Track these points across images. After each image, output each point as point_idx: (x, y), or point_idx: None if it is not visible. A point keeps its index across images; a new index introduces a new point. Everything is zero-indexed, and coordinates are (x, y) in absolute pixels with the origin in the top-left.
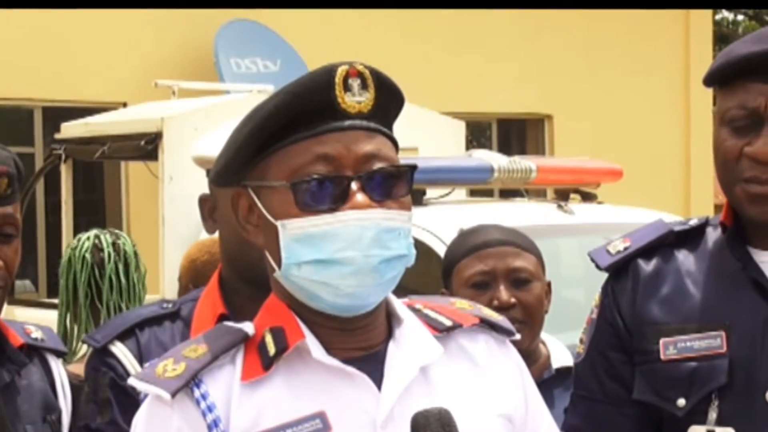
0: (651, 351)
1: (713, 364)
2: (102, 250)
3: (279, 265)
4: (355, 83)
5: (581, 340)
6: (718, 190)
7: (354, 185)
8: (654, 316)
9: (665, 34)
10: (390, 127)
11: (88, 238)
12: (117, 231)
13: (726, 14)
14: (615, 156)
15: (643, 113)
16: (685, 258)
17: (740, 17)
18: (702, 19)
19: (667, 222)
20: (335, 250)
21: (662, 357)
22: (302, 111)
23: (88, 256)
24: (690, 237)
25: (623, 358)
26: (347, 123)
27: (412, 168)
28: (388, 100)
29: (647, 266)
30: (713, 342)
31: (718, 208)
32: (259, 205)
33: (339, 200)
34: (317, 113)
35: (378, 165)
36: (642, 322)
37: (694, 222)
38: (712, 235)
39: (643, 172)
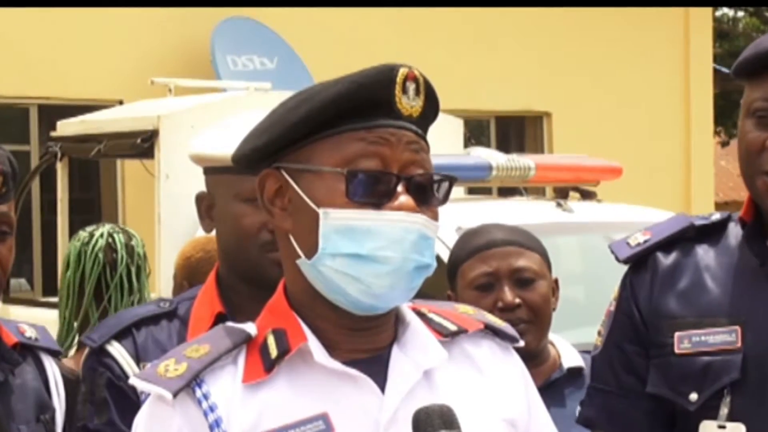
0: (665, 344)
1: (727, 359)
2: (116, 251)
3: (307, 252)
4: (411, 87)
5: (599, 333)
6: (719, 188)
7: (400, 186)
8: (670, 309)
9: (665, 31)
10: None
11: (102, 236)
12: (129, 230)
13: (726, 10)
14: (614, 154)
15: (642, 111)
16: (705, 253)
17: (740, 13)
18: (702, 16)
19: (689, 216)
20: (376, 248)
21: (676, 350)
22: (361, 103)
23: (101, 255)
24: (711, 232)
25: (639, 350)
26: (399, 123)
27: (453, 180)
28: (431, 111)
29: (666, 259)
30: (728, 337)
31: (718, 206)
32: (297, 189)
33: (385, 197)
34: (374, 108)
35: (420, 170)
36: (658, 315)
37: (716, 217)
38: (734, 230)
39: (642, 170)
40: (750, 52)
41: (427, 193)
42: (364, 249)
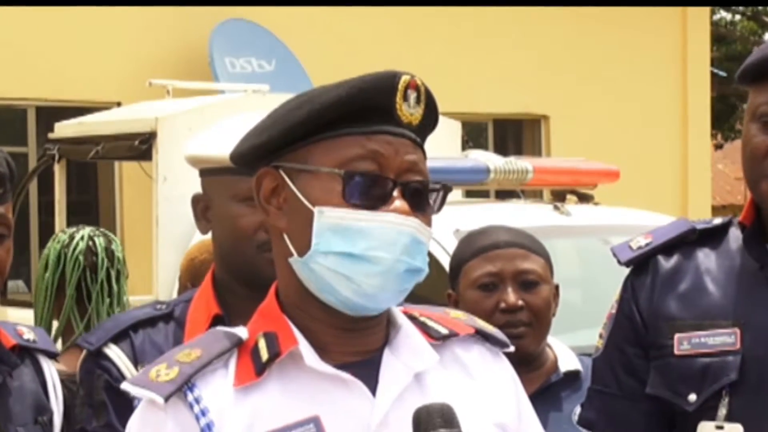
0: (665, 346)
1: (725, 360)
2: (96, 254)
3: (300, 250)
4: (412, 95)
5: (600, 335)
6: (716, 192)
7: (396, 191)
8: (670, 311)
9: (662, 35)
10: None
11: (82, 238)
12: (108, 233)
13: (724, 14)
14: (612, 157)
15: (640, 114)
16: (705, 256)
17: (738, 17)
18: (699, 20)
19: (691, 221)
20: (368, 248)
21: (676, 352)
22: (362, 108)
23: (81, 258)
24: (712, 235)
25: (639, 352)
26: (399, 130)
27: (447, 189)
28: (430, 120)
29: (667, 263)
30: (727, 339)
31: (715, 209)
32: (293, 187)
33: (380, 200)
34: (374, 113)
35: (417, 177)
36: (658, 317)
37: (718, 221)
38: (735, 234)
39: (640, 174)
40: (755, 57)
41: (422, 199)
42: (356, 248)
